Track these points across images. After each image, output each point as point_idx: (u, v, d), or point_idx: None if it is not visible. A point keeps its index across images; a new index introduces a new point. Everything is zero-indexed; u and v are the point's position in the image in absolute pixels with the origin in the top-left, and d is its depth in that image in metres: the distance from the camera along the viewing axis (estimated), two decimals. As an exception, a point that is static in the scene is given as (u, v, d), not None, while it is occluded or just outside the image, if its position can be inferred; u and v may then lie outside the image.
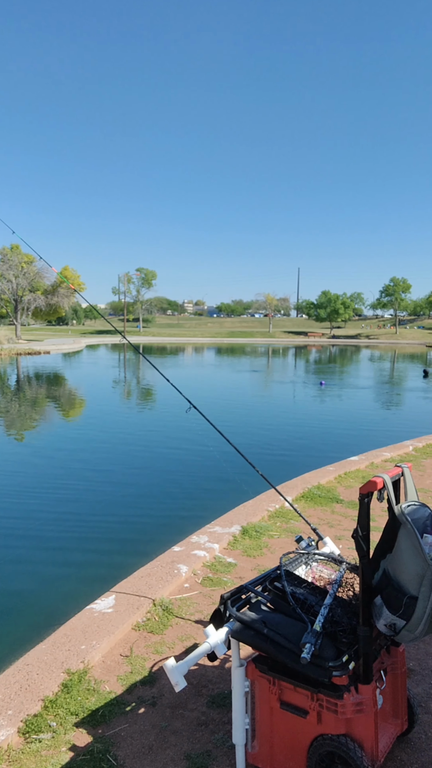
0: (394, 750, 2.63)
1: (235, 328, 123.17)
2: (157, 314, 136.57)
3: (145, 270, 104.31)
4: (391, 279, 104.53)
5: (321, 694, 2.21)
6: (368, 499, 2.18)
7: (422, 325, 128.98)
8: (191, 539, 5.24)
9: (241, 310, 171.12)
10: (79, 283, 71.37)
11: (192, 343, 75.63)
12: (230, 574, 4.59)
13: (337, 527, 5.75)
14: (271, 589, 2.48)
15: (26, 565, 5.55)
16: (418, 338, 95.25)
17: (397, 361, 45.70)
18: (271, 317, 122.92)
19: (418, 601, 2.10)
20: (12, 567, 5.53)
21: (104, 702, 2.99)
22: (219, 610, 2.53)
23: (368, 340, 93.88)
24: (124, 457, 10.22)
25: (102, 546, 6.11)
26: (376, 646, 2.38)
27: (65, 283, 61.15)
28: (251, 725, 2.46)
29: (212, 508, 6.97)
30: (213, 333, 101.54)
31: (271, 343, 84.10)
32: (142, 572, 4.50)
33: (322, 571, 2.78)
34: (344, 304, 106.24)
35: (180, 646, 3.56)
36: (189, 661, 2.34)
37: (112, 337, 73.29)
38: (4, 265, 57.02)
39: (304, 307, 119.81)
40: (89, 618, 3.76)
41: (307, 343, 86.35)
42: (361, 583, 2.21)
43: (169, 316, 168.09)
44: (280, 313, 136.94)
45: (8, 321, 71.13)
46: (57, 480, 8.61)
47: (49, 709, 2.90)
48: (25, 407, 16.50)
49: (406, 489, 2.35)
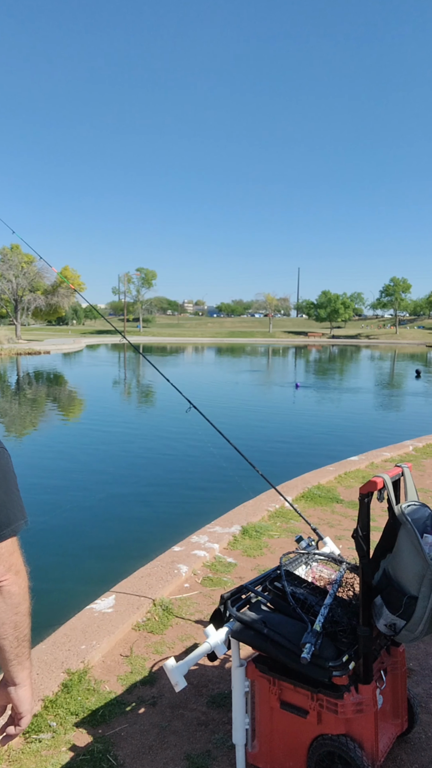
0: (394, 750, 2.63)
1: (235, 328, 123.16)
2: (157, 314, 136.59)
3: (145, 270, 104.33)
4: (391, 279, 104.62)
5: (321, 694, 2.21)
6: (368, 499, 2.18)
7: (422, 325, 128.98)
8: (191, 539, 5.24)
9: (241, 310, 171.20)
10: (79, 283, 71.38)
11: (192, 343, 75.63)
12: (230, 574, 4.59)
13: (337, 527, 5.75)
14: (271, 589, 2.48)
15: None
16: (418, 338, 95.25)
17: (397, 361, 45.69)
18: (271, 317, 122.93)
19: (418, 601, 2.10)
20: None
21: (104, 702, 2.99)
22: (219, 610, 2.53)
23: (368, 340, 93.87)
24: (124, 457, 10.22)
25: (102, 546, 6.11)
26: (376, 646, 2.38)
27: (65, 283, 61.15)
28: (251, 725, 2.46)
29: (212, 508, 6.97)
30: (213, 333, 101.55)
31: (271, 343, 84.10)
32: (142, 572, 4.50)
33: (322, 571, 2.78)
34: (344, 304, 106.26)
35: (180, 646, 3.56)
36: (189, 661, 2.34)
37: (112, 337, 73.28)
38: (4, 265, 57.02)
39: (304, 307, 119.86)
40: (89, 618, 3.76)
41: (307, 343, 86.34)
42: (361, 583, 2.21)
43: (169, 316, 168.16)
44: (280, 313, 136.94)
45: (8, 321, 71.11)
46: (57, 480, 8.62)
47: (49, 709, 2.90)
48: (25, 407, 16.49)
49: (406, 489, 2.35)
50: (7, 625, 1.29)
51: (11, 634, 1.30)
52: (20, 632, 1.32)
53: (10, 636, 1.30)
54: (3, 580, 1.27)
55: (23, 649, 1.34)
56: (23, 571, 1.33)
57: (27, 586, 1.33)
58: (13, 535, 1.30)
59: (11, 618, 1.29)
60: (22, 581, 1.31)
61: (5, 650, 1.30)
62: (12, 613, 1.29)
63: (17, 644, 1.32)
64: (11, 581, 1.28)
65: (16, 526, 1.30)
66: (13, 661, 1.33)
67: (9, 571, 1.28)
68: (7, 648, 1.30)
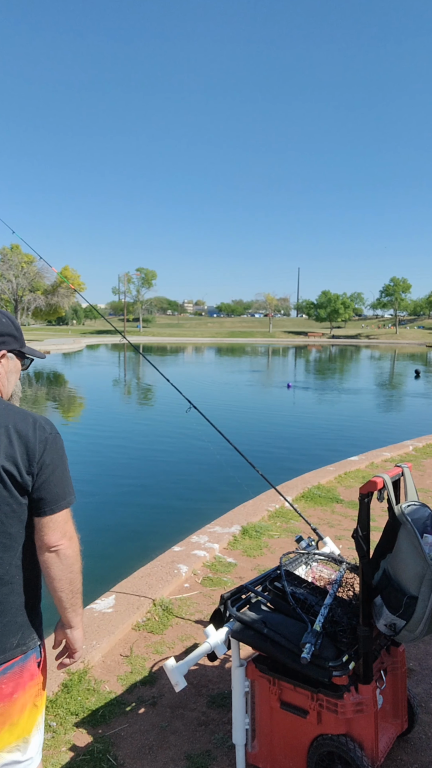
0: (394, 750, 2.63)
1: (235, 328, 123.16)
2: (157, 314, 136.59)
3: (145, 270, 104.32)
4: (391, 279, 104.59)
5: (321, 694, 2.21)
6: (368, 499, 2.18)
7: (422, 325, 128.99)
8: (191, 539, 5.24)
9: (241, 310, 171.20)
10: (79, 283, 71.37)
11: (192, 343, 75.62)
12: (230, 574, 4.59)
13: (337, 527, 5.75)
14: (271, 589, 2.48)
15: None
16: (418, 338, 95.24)
17: (396, 361, 45.69)
18: (271, 317, 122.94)
19: (418, 601, 2.10)
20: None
21: (104, 702, 2.99)
22: (219, 610, 2.53)
23: (368, 340, 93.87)
24: (124, 457, 10.22)
25: (102, 546, 6.11)
26: (376, 646, 2.38)
27: (65, 283, 61.13)
28: (251, 725, 2.46)
29: (212, 508, 6.97)
30: (213, 333, 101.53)
31: (271, 343, 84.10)
32: (142, 572, 4.50)
33: (322, 571, 2.78)
34: (344, 304, 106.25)
35: (180, 646, 3.56)
36: (189, 661, 2.34)
37: (112, 337, 73.26)
38: (4, 265, 57.03)
39: (304, 307, 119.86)
40: (89, 618, 3.76)
41: (307, 343, 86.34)
42: (361, 583, 2.21)
43: (169, 316, 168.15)
44: (280, 313, 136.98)
45: (8, 321, 70.93)
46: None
47: (49, 709, 2.90)
48: (25, 407, 16.48)
49: (406, 489, 2.35)
50: (63, 581, 1.63)
51: (67, 588, 1.65)
52: (74, 587, 1.66)
53: (66, 590, 1.65)
54: (59, 545, 1.61)
55: (77, 599, 1.69)
56: (75, 538, 1.66)
57: (78, 550, 1.67)
58: (67, 507, 1.64)
59: (66, 575, 1.63)
60: (75, 546, 1.65)
61: (62, 600, 1.67)
62: (67, 571, 1.63)
63: (72, 596, 1.67)
64: (66, 546, 1.62)
65: (70, 499, 1.65)
66: (69, 609, 1.70)
67: (64, 537, 1.62)
68: (64, 599, 1.66)
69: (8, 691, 1.61)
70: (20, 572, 1.62)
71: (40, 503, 1.60)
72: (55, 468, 1.63)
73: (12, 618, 1.62)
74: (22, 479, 1.58)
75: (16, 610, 1.63)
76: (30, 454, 1.60)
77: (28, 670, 1.67)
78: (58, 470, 1.63)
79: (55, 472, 1.62)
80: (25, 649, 1.65)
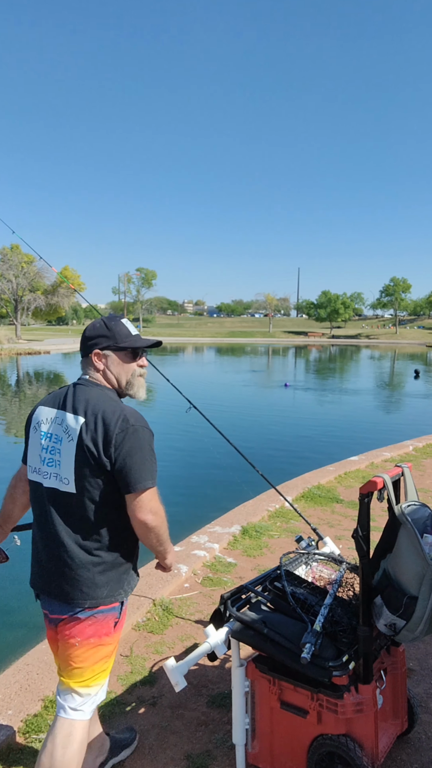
0: (394, 750, 2.63)
1: (235, 328, 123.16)
2: (157, 314, 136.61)
3: (145, 270, 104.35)
4: (391, 279, 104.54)
5: (321, 694, 2.21)
6: (368, 499, 2.18)
7: (422, 325, 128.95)
8: (191, 539, 5.24)
9: (241, 310, 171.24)
10: (79, 283, 71.36)
11: (192, 343, 75.63)
12: (230, 574, 4.59)
13: (337, 527, 5.75)
14: (271, 589, 2.48)
15: (26, 565, 5.53)
16: (418, 338, 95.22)
17: (396, 361, 45.69)
18: (271, 317, 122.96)
19: (418, 601, 2.10)
20: (12, 567, 5.52)
21: (104, 702, 2.99)
22: (219, 610, 2.53)
23: (368, 340, 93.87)
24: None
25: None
26: (376, 646, 2.37)
27: (65, 283, 61.13)
28: (251, 725, 2.45)
29: (212, 508, 6.97)
30: (213, 333, 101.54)
31: (271, 343, 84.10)
32: (142, 572, 4.50)
33: (322, 571, 2.78)
34: (344, 304, 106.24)
35: (180, 646, 3.56)
36: (189, 661, 2.34)
37: (112, 337, 72.94)
38: (4, 265, 57.00)
39: (304, 307, 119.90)
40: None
41: (307, 343, 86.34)
42: (361, 583, 2.20)
43: (169, 316, 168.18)
44: (280, 313, 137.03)
45: (8, 321, 71.07)
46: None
47: (50, 709, 2.90)
48: (25, 407, 16.49)
49: (406, 489, 2.35)
50: (153, 540, 2.06)
51: (156, 544, 2.08)
52: (161, 540, 2.09)
53: (156, 545, 2.09)
54: (146, 519, 1.98)
55: (166, 546, 2.13)
56: (161, 510, 2.03)
57: (164, 519, 2.06)
58: (144, 489, 1.96)
59: (155, 538, 2.05)
60: (159, 518, 2.02)
61: (155, 549, 2.12)
62: (155, 536, 2.04)
63: (160, 545, 2.10)
64: (151, 519, 1.98)
65: (148, 483, 1.97)
66: (158, 553, 2.16)
67: (150, 513, 1.98)
68: (156, 548, 2.11)
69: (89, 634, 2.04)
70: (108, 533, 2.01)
71: (124, 483, 1.94)
72: (133, 455, 1.93)
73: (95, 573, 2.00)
74: (100, 459, 1.92)
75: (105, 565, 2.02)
76: (107, 440, 1.92)
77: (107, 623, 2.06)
78: (137, 457, 1.94)
79: (134, 458, 1.93)
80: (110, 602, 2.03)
